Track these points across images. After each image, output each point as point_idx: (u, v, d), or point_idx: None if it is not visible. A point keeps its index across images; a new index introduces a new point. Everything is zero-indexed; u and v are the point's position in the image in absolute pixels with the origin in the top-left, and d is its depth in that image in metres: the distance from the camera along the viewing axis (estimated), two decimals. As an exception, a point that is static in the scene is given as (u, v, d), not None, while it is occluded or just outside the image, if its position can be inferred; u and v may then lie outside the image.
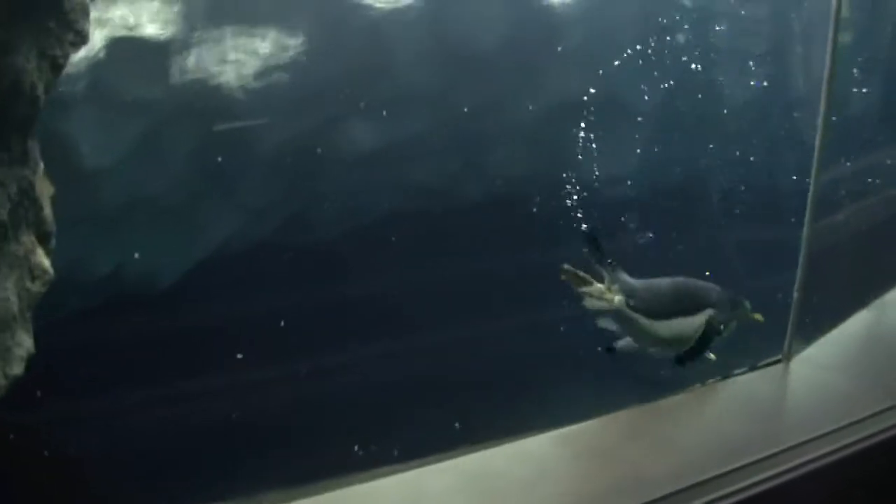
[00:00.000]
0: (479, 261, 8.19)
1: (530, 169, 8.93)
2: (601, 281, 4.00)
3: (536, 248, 8.05)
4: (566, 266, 3.93)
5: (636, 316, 4.05)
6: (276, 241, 8.16)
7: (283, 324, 7.30)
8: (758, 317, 4.14)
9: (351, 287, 7.86)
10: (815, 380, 3.62)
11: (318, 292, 7.66)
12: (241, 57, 7.52)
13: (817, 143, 3.54)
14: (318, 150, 8.02)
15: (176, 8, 7.16)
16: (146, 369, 6.71)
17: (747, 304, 4.23)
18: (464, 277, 8.05)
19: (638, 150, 9.50)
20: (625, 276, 4.08)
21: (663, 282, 4.27)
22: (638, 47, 9.25)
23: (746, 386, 3.60)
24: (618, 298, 3.98)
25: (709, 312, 4.13)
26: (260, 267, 7.78)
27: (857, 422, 3.14)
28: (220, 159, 7.48)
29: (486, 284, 8.10)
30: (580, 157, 8.91)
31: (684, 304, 4.17)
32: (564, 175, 8.58)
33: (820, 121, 3.54)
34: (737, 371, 3.68)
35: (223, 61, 7.45)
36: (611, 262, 4.02)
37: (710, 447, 3.03)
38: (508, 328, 8.03)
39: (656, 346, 4.19)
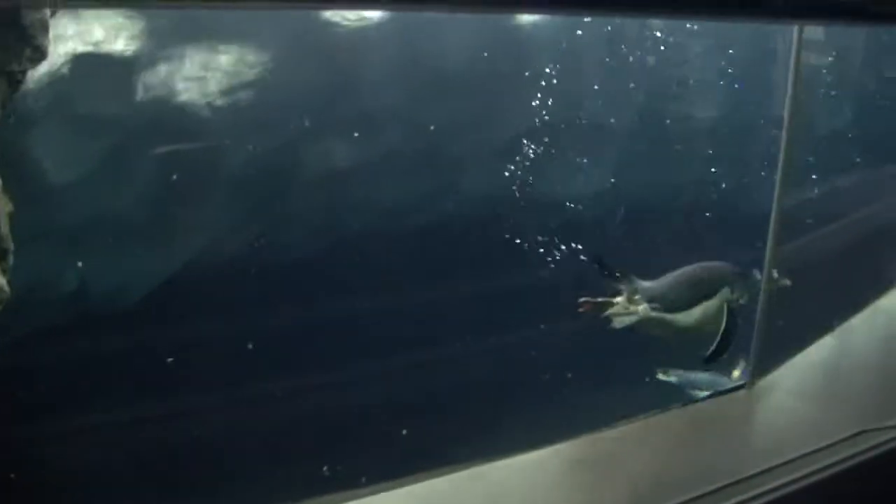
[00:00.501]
0: (450, 281, 8.14)
1: (500, 188, 8.91)
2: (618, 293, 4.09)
3: (507, 268, 8.03)
4: (584, 299, 4.01)
5: (664, 316, 4.13)
6: (243, 259, 8.07)
7: (250, 344, 7.21)
8: None
9: (318, 307, 7.78)
10: (779, 405, 3.59)
11: (286, 311, 7.57)
12: (206, 74, 7.45)
13: (780, 166, 3.54)
14: (285, 168, 7.96)
15: (141, 24, 7.09)
16: (108, 388, 6.61)
17: (757, 275, 4.29)
18: (434, 298, 8.00)
19: (608, 170, 9.54)
20: (642, 283, 4.18)
21: (677, 274, 4.39)
22: (610, 68, 9.31)
23: (709, 412, 3.57)
24: (642, 307, 4.07)
25: (726, 291, 4.22)
26: (227, 286, 7.68)
27: (822, 448, 3.11)
28: (186, 176, 7.40)
29: (457, 305, 8.05)
30: (550, 176, 8.93)
31: (703, 289, 4.34)
32: (535, 193, 8.59)
33: (783, 145, 3.54)
34: (699, 396, 3.66)
35: (189, 78, 7.37)
36: (624, 275, 4.09)
37: (670, 474, 2.98)
38: (480, 350, 7.99)
39: (690, 335, 4.29)
